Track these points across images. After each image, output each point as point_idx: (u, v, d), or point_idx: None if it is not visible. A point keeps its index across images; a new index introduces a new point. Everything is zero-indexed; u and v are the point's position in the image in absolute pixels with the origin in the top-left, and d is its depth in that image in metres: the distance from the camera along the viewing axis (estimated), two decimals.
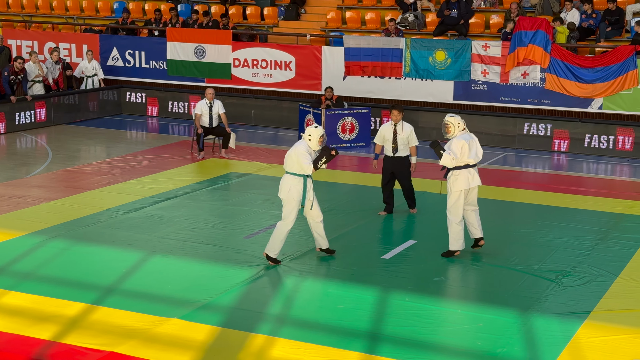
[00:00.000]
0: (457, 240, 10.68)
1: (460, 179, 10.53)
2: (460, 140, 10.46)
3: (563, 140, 17.92)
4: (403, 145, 12.43)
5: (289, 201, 10.30)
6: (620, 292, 9.52)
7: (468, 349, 7.94)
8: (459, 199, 10.57)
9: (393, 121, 12.40)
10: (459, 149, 10.42)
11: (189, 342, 8.04)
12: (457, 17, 20.14)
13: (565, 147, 17.90)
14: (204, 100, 16.95)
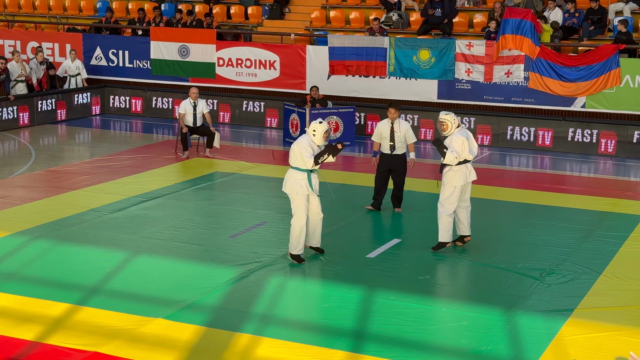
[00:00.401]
0: (447, 232, 10.83)
1: (459, 174, 10.73)
2: (460, 137, 10.69)
3: (547, 139, 18.00)
4: (400, 143, 12.57)
5: (294, 196, 10.33)
6: (604, 289, 9.57)
7: (453, 347, 7.96)
8: (454, 193, 10.75)
9: (390, 119, 12.52)
10: (460, 145, 10.64)
11: (174, 342, 8.02)
12: (441, 17, 20.19)
13: (549, 145, 17.97)
14: (188, 99, 16.90)
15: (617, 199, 13.76)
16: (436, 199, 13.76)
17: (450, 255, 10.80)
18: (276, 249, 10.87)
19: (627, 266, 10.36)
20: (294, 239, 10.37)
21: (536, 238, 11.54)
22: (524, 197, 13.84)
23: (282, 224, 12.11)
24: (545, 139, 18.03)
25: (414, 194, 13.78)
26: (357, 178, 15.20)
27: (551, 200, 13.66)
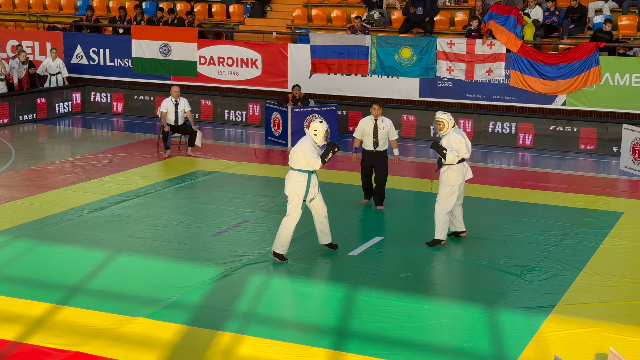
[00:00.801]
0: (444, 229, 11.00)
1: (457, 173, 10.94)
2: (457, 136, 10.91)
3: (528, 136, 18.09)
4: (383, 140, 12.73)
5: (293, 197, 10.37)
6: (584, 286, 9.64)
7: (435, 344, 7.99)
8: (453, 192, 10.92)
9: (373, 116, 12.66)
10: (458, 144, 10.85)
11: (156, 341, 8.00)
12: (422, 15, 20.23)
13: (529, 143, 18.08)
14: (169, 98, 16.86)
15: (597, 196, 13.85)
16: (418, 196, 13.87)
17: (432, 253, 10.84)
18: (258, 248, 10.87)
19: (607, 263, 10.43)
20: (283, 239, 10.36)
21: (517, 235, 11.60)
22: (505, 195, 13.90)
23: (265, 223, 12.11)
24: (526, 137, 18.12)
25: (396, 191, 13.82)
26: (339, 176, 15.21)
27: (532, 198, 13.73)
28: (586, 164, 16.84)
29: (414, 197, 13.87)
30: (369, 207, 13.07)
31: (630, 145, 15.84)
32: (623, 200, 13.75)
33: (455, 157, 10.84)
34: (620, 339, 8.09)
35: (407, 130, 18.94)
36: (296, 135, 17.93)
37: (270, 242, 11.11)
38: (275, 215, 12.49)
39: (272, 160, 16.83)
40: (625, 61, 17.52)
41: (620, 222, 12.23)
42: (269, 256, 10.51)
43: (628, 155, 15.93)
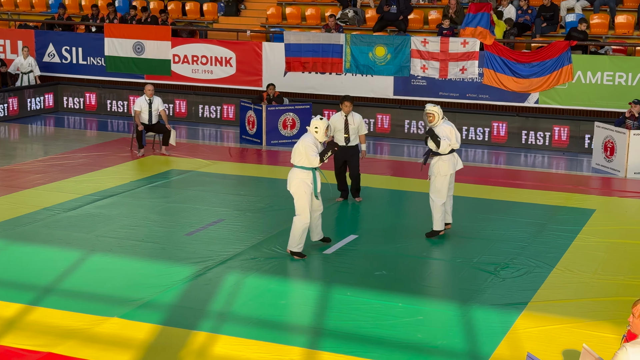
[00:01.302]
0: (441, 220, 11.23)
1: (448, 163, 11.14)
2: (448, 126, 11.15)
3: (501, 134, 18.20)
4: (354, 135, 12.97)
5: (300, 195, 10.40)
6: (557, 282, 9.71)
7: (409, 342, 8.01)
8: (445, 182, 11.14)
9: (344, 112, 12.87)
10: (449, 133, 11.07)
11: (130, 341, 7.96)
12: (396, 13, 20.27)
13: (503, 141, 18.18)
14: (143, 97, 16.78)
15: (570, 193, 13.96)
16: (393, 194, 13.90)
17: (406, 251, 10.87)
18: (233, 246, 10.85)
19: (579, 259, 10.52)
20: (297, 238, 10.43)
21: (491, 233, 11.66)
22: (478, 192, 13.97)
23: (239, 221, 12.09)
24: (500, 134, 18.22)
25: (370, 189, 13.84)
26: None
27: (505, 195, 13.81)
28: (559, 162, 16.97)
29: (388, 195, 13.90)
30: (344, 205, 13.09)
31: (602, 143, 15.99)
32: (595, 197, 13.88)
33: (448, 146, 11.06)
34: (593, 334, 8.16)
35: (382, 128, 18.98)
36: (271, 134, 17.95)
37: (245, 240, 11.11)
38: (249, 214, 12.48)
39: (247, 159, 16.80)
40: (596, 59, 17.67)
41: (593, 219, 12.33)
42: (243, 255, 10.49)
43: (600, 152, 16.07)
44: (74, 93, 21.88)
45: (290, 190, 10.50)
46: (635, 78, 17.19)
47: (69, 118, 21.18)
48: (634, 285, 9.59)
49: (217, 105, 20.62)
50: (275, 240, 11.13)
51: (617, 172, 15.57)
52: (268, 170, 15.89)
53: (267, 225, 11.91)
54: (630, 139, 15.27)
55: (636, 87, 17.13)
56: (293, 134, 18.21)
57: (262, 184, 14.61)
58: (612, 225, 12.06)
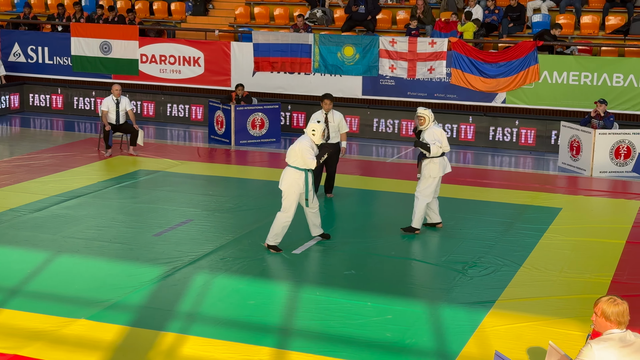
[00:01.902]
0: (421, 219, 11.47)
1: (438, 166, 11.38)
2: (439, 129, 11.41)
3: (469, 134, 18.32)
4: (334, 132, 13.21)
5: (290, 194, 10.59)
6: (524, 281, 9.79)
7: (377, 341, 8.04)
8: (433, 184, 11.37)
9: (324, 110, 13.16)
10: (440, 137, 11.30)
11: (97, 342, 7.90)
12: (364, 13, 20.33)
13: (470, 140, 18.30)
14: (110, 96, 16.67)
15: (537, 192, 14.09)
16: (362, 194, 13.94)
17: (375, 251, 10.91)
18: (201, 247, 10.81)
19: (546, 258, 10.62)
20: (277, 232, 10.62)
21: (459, 232, 11.73)
22: (447, 192, 14.02)
23: (208, 222, 12.05)
24: (468, 134, 18.35)
25: (339, 189, 13.86)
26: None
27: (473, 194, 13.91)
28: (526, 161, 17.12)
29: (358, 194, 13.93)
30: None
31: (568, 142, 16.16)
32: (561, 196, 14.02)
33: (439, 149, 11.27)
34: (559, 332, 8.24)
35: (351, 128, 19.02)
36: (239, 134, 17.91)
37: (214, 241, 11.07)
38: (218, 214, 12.45)
39: (215, 159, 16.75)
40: (562, 59, 17.85)
41: (559, 218, 12.46)
42: (212, 256, 10.46)
43: (566, 151, 16.24)
44: (40, 93, 21.66)
45: (282, 187, 10.68)
46: (601, 78, 17.39)
47: (35, 118, 20.97)
48: (599, 283, 9.70)
49: (185, 105, 20.54)
50: (245, 240, 11.12)
51: (583, 171, 15.74)
52: (237, 170, 15.86)
53: (235, 226, 11.89)
54: (595, 139, 15.45)
55: (601, 86, 17.33)
56: (262, 134, 18.20)
57: (231, 184, 14.58)
58: (577, 224, 12.19)
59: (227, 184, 14.56)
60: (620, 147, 15.55)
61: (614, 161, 15.59)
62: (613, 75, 17.28)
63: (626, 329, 5.66)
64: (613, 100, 17.05)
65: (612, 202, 13.76)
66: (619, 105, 17.19)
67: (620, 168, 15.62)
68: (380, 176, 15.29)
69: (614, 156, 15.56)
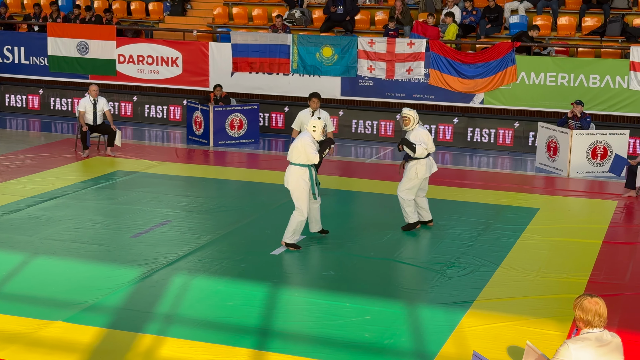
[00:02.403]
0: (414, 213, 11.62)
1: (424, 167, 11.48)
2: (424, 131, 11.50)
3: (447, 134, 18.39)
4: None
5: (299, 191, 10.77)
6: (502, 281, 9.84)
7: (356, 342, 8.04)
8: (415, 184, 11.47)
9: (312, 108, 13.28)
10: (426, 138, 11.38)
11: (74, 344, 7.85)
12: (343, 14, 20.34)
13: (449, 140, 18.37)
14: (87, 97, 16.57)
15: (514, 193, 14.16)
16: (340, 195, 13.94)
17: (353, 251, 10.91)
18: (180, 248, 10.76)
19: (523, 258, 10.68)
20: (294, 230, 10.83)
21: (437, 232, 11.77)
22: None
23: (186, 223, 12.01)
24: (446, 134, 18.42)
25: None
26: (262, 175, 15.19)
27: (451, 195, 13.95)
28: (503, 161, 17.20)
29: (336, 195, 13.92)
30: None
31: (546, 143, 16.25)
32: (539, 196, 14.10)
33: (424, 151, 11.36)
34: (536, 332, 8.28)
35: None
36: (218, 135, 17.87)
37: (192, 242, 11.04)
38: (197, 215, 12.41)
39: (194, 160, 16.69)
40: (540, 60, 17.96)
41: (536, 218, 12.53)
42: (191, 257, 10.43)
43: (543, 152, 16.34)
44: (16, 93, 21.49)
45: (289, 187, 10.83)
46: (577, 79, 17.51)
47: (11, 119, 20.80)
48: (576, 283, 9.76)
49: (163, 106, 20.46)
50: (224, 241, 11.09)
51: (560, 172, 15.84)
52: (215, 171, 15.82)
53: (214, 227, 11.85)
54: (572, 139, 15.55)
55: (578, 87, 17.45)
56: (240, 135, 18.16)
57: (210, 185, 14.53)
58: (555, 224, 12.27)
59: (205, 185, 14.51)
60: (597, 147, 15.67)
61: (591, 162, 15.70)
62: (590, 76, 17.40)
63: (603, 329, 5.70)
64: (590, 101, 17.17)
65: (589, 202, 13.86)
66: (596, 106, 17.32)
67: (597, 168, 15.73)
68: (359, 177, 15.31)
69: (591, 157, 15.68)
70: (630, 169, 14.04)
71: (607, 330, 5.74)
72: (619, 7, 19.49)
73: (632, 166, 14.03)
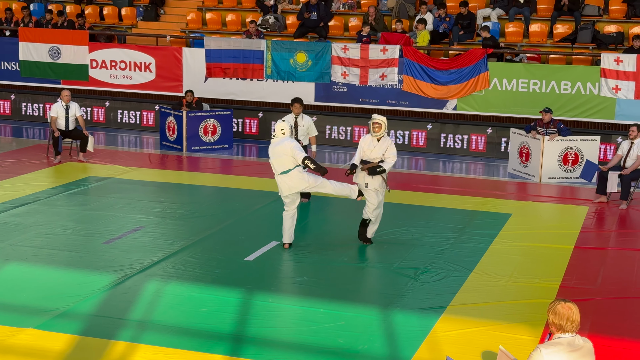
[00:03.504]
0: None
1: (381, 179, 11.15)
2: (391, 140, 11.30)
3: (420, 140, 18.47)
4: (303, 136, 13.41)
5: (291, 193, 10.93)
6: (475, 286, 9.89)
7: (330, 347, 8.04)
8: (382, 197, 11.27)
9: (294, 114, 13.37)
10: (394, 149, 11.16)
11: (46, 352, 7.78)
12: (316, 20, 20.39)
13: (422, 146, 18.45)
14: (59, 102, 16.45)
15: (487, 198, 14.25)
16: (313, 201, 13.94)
17: (327, 257, 10.92)
18: (153, 254, 10.71)
19: (496, 263, 10.74)
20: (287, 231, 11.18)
21: (410, 238, 11.81)
22: (398, 198, 14.12)
23: (159, 229, 11.95)
24: (420, 140, 18.50)
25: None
26: (235, 181, 15.16)
27: (425, 201, 14.01)
28: (476, 167, 17.31)
29: (309, 201, 13.92)
30: (263, 210, 13.05)
31: (518, 149, 16.38)
32: (511, 202, 14.20)
33: (393, 162, 11.13)
34: (509, 337, 8.34)
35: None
36: (191, 140, 17.81)
37: (165, 248, 11.00)
38: (170, 221, 12.35)
39: (167, 166, 16.62)
40: (512, 67, 18.10)
41: (509, 224, 12.62)
42: (164, 263, 10.38)
43: (515, 158, 16.46)
44: None
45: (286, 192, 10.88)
46: (549, 85, 17.67)
47: None
48: (548, 288, 9.84)
49: (136, 111, 20.36)
50: (198, 247, 11.05)
51: (532, 177, 15.97)
52: (189, 176, 15.76)
53: (187, 233, 11.81)
54: (544, 145, 15.68)
55: (550, 94, 17.61)
56: (214, 140, 18.12)
57: (183, 191, 14.48)
58: (527, 230, 12.36)
59: (179, 191, 14.46)
60: (568, 153, 15.81)
61: (562, 167, 15.84)
62: (561, 82, 17.56)
63: (575, 333, 5.75)
64: (561, 108, 17.34)
65: (561, 207, 13.98)
66: (567, 112, 17.49)
67: (568, 174, 15.88)
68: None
69: (562, 162, 15.82)
70: (601, 174, 14.19)
71: (579, 335, 5.79)
72: (590, 14, 19.71)
73: (603, 172, 14.18)
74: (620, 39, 18.86)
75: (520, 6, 19.99)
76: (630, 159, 14.09)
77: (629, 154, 14.12)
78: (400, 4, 20.49)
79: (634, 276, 10.42)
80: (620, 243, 11.93)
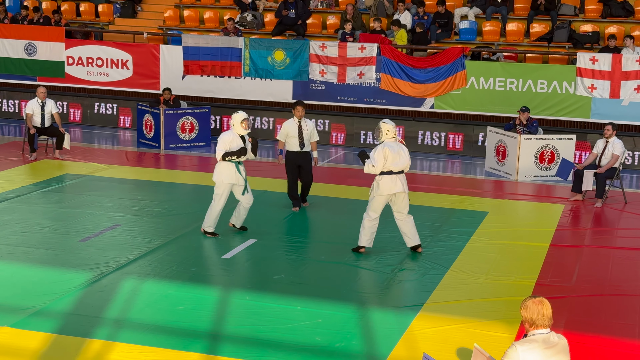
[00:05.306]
0: (364, 235, 10.84)
1: (383, 185, 10.60)
2: (384, 148, 10.56)
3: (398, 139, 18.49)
4: (307, 140, 12.94)
5: (219, 184, 11.22)
6: (451, 284, 9.94)
7: (307, 345, 8.05)
8: (379, 202, 10.69)
9: (297, 117, 12.79)
10: (381, 156, 10.51)
11: (21, 350, 7.72)
12: (294, 18, 20.37)
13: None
14: (35, 99, 16.34)
15: (464, 196, 14.32)
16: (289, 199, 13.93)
17: (304, 255, 10.93)
18: (129, 252, 10.67)
19: (473, 261, 10.80)
20: (211, 219, 11.39)
21: (387, 235, 11.81)
22: None
23: (136, 227, 11.90)
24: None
25: (271, 194, 13.85)
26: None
27: None
28: (453, 165, 17.37)
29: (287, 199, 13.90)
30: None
31: (495, 147, 16.46)
32: (488, 200, 14.27)
33: (371, 168, 10.61)
34: (485, 334, 8.38)
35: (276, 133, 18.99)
36: (169, 138, 17.74)
37: (142, 246, 10.95)
38: (147, 219, 12.30)
39: (144, 163, 16.54)
40: (489, 66, 18.19)
41: (485, 222, 12.68)
42: (140, 261, 10.34)
43: (492, 156, 16.54)
44: None
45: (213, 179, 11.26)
46: (526, 84, 17.77)
47: None
48: (524, 286, 9.90)
49: (113, 108, 20.23)
50: (175, 244, 11.01)
51: (509, 176, 16.06)
52: (166, 174, 15.70)
53: (164, 231, 11.77)
54: (520, 143, 15.77)
55: (526, 92, 17.71)
56: (192, 138, 18.06)
57: (160, 189, 14.42)
58: (503, 227, 12.43)
59: (156, 189, 14.40)
60: (545, 152, 15.91)
61: (539, 166, 15.94)
62: (537, 81, 17.67)
63: (550, 330, 5.79)
64: (537, 106, 17.45)
65: (537, 205, 14.08)
66: (543, 111, 17.60)
67: (545, 172, 15.98)
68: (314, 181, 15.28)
69: (539, 161, 15.92)
70: (577, 173, 14.30)
71: (554, 332, 5.84)
72: (566, 13, 19.85)
73: (578, 170, 14.29)
74: (595, 39, 19.01)
75: (497, 5, 20.10)
76: (605, 157, 14.21)
77: (604, 152, 14.23)
78: (378, 2, 20.52)
79: (608, 273, 10.52)
80: (595, 241, 12.03)
